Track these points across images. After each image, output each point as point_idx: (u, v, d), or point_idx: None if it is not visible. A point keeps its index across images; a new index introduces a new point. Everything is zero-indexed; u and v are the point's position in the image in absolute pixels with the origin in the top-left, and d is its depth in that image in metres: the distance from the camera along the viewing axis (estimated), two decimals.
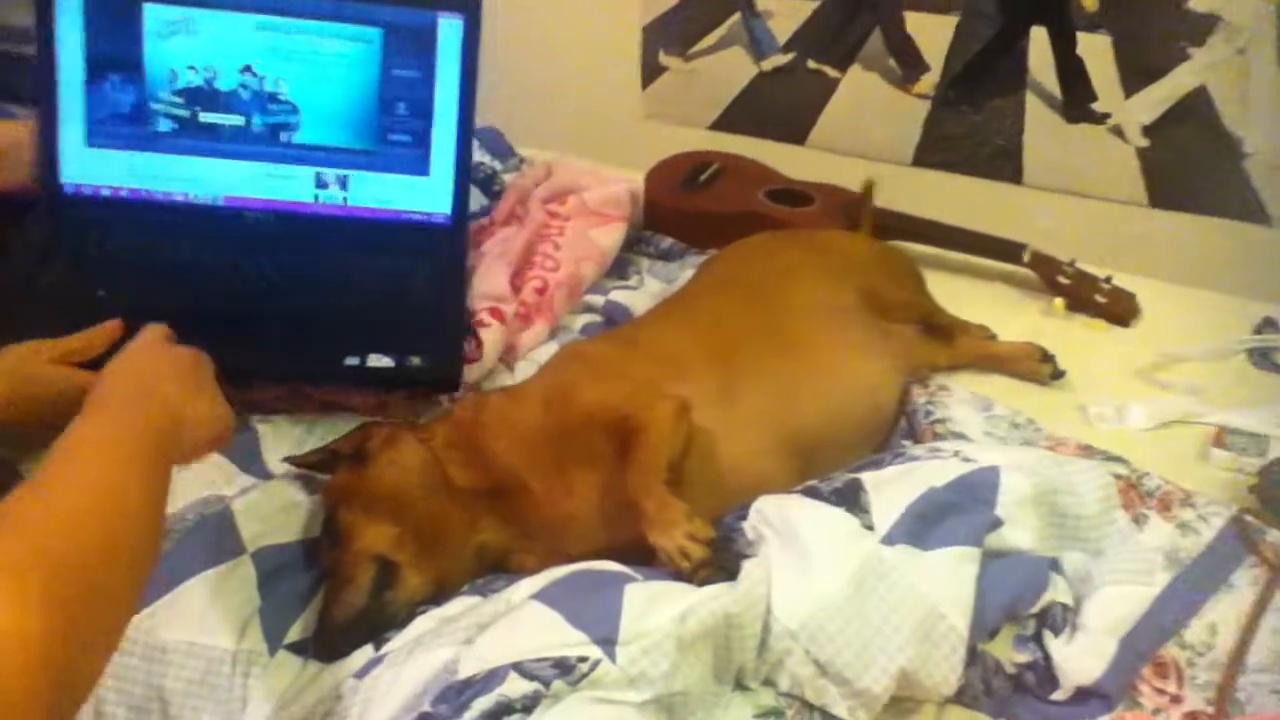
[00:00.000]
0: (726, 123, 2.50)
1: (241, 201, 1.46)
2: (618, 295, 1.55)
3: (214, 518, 1.09)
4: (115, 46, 1.40)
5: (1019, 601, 1.00)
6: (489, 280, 1.48)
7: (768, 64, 2.41)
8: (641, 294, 1.56)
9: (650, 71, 2.56)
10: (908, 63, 2.24)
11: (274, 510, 1.13)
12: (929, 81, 2.22)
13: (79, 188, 1.43)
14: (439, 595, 1.05)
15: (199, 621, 1.01)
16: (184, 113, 1.43)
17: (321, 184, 1.48)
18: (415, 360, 1.30)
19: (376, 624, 1.00)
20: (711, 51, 2.47)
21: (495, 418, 1.14)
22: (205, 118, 1.43)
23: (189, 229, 1.44)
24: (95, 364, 1.08)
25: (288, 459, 1.18)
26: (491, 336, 1.39)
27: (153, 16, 1.39)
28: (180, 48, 1.41)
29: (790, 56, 2.36)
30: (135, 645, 1.00)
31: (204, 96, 1.43)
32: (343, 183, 1.48)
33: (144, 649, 0.99)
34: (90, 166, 1.43)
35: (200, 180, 1.45)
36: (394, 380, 1.32)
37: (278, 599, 1.04)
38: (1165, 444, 1.31)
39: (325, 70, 1.44)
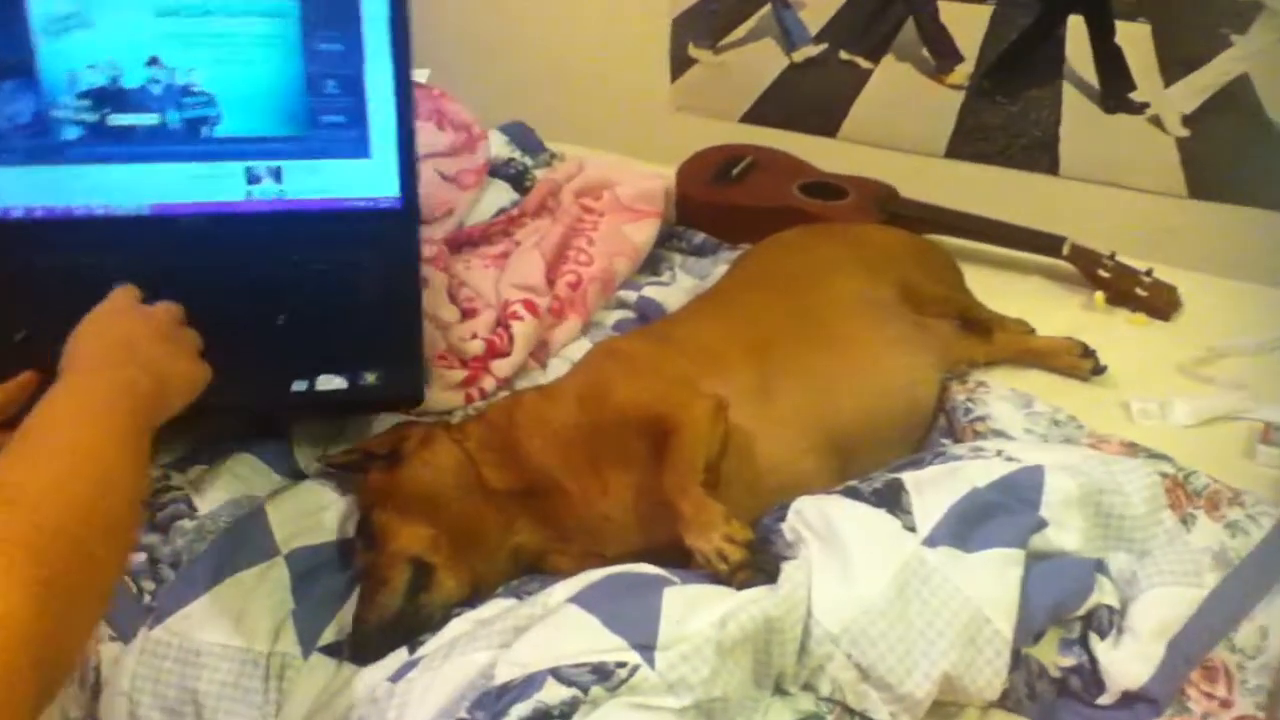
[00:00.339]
0: (757, 115, 2.48)
1: (169, 208, 1.33)
2: (650, 291, 1.54)
3: (247, 519, 1.09)
4: (1, 50, 1.26)
5: (1064, 604, 0.98)
6: (523, 270, 1.47)
7: (799, 55, 2.39)
8: (674, 290, 1.55)
9: (679, 64, 2.54)
10: (941, 53, 2.21)
11: (307, 511, 1.12)
12: (963, 72, 2.20)
13: None
14: (474, 597, 1.04)
15: (233, 624, 1.01)
16: (91, 117, 1.29)
17: (254, 179, 1.35)
18: (370, 377, 1.18)
19: (411, 626, 0.99)
20: (742, 43, 2.45)
21: (529, 417, 1.13)
22: (115, 120, 1.30)
23: (114, 245, 1.30)
24: (14, 422, 0.92)
25: (323, 459, 1.17)
26: (524, 330, 1.38)
27: (39, 12, 1.25)
28: (76, 45, 1.27)
29: (822, 48, 2.34)
30: (170, 648, 0.99)
31: (110, 97, 1.29)
32: (276, 175, 1.35)
33: (178, 651, 0.99)
34: None
35: (120, 189, 1.32)
36: (348, 404, 1.19)
37: (311, 601, 1.03)
38: (1210, 440, 1.28)
39: (240, 53, 1.31)
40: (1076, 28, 2.05)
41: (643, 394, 1.11)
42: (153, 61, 1.29)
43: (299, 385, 1.16)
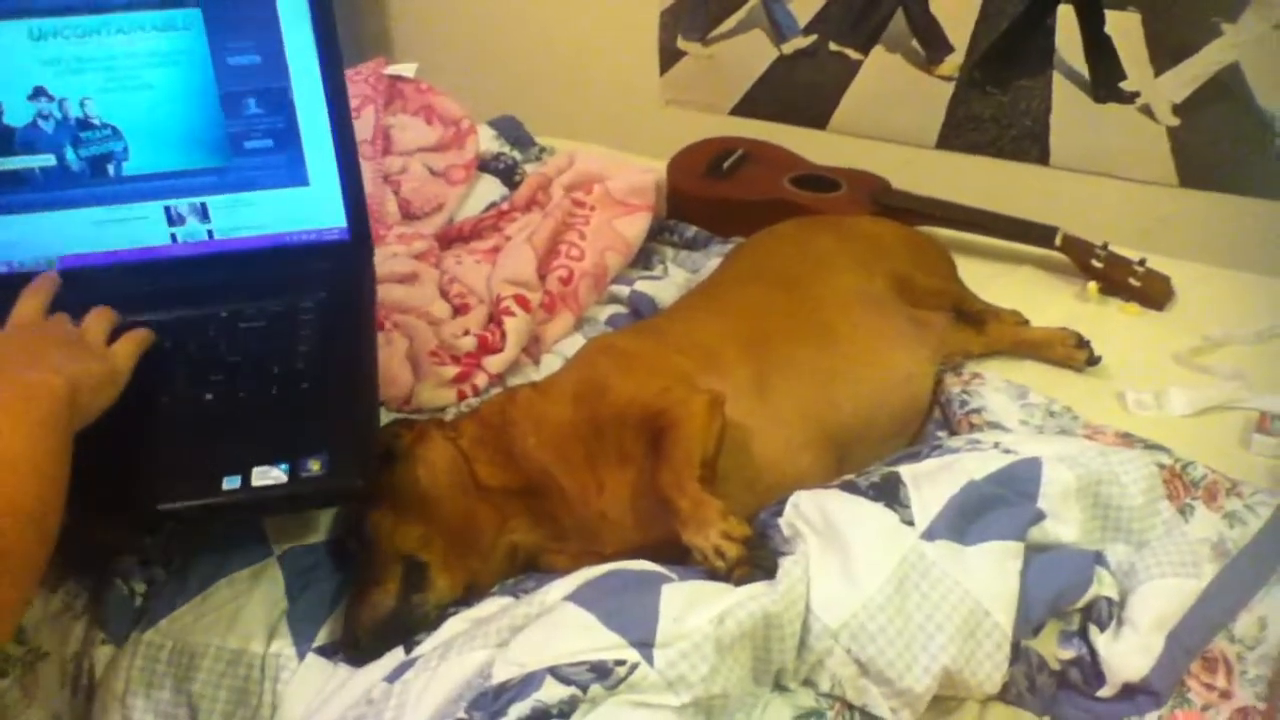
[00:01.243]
0: (747, 108, 2.47)
1: (82, 259, 1.17)
2: (643, 285, 1.53)
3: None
4: None
5: (1063, 597, 0.98)
6: (515, 265, 1.46)
7: (789, 47, 2.38)
8: (667, 284, 1.54)
9: (668, 57, 2.53)
10: (932, 43, 2.20)
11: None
12: (954, 63, 2.19)
13: None
14: (470, 596, 1.03)
15: (227, 625, 1.00)
16: None
17: (176, 219, 1.18)
18: (314, 465, 0.99)
19: (406, 626, 0.98)
20: (731, 35, 2.45)
21: (524, 414, 1.12)
22: (3, 164, 1.12)
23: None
24: None
25: None
26: (516, 326, 1.37)
27: None
28: None
29: (812, 39, 2.34)
30: (163, 650, 0.99)
31: None
32: (202, 213, 1.18)
33: (172, 654, 0.99)
34: None
35: (21, 243, 1.15)
36: (288, 499, 1.00)
37: (306, 601, 1.03)
38: (1206, 430, 1.28)
39: (138, 74, 1.13)
40: (1066, 17, 2.04)
41: (639, 390, 1.10)
42: (37, 93, 1.12)
43: (231, 482, 0.98)
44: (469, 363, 1.34)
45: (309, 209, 1.21)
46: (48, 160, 1.14)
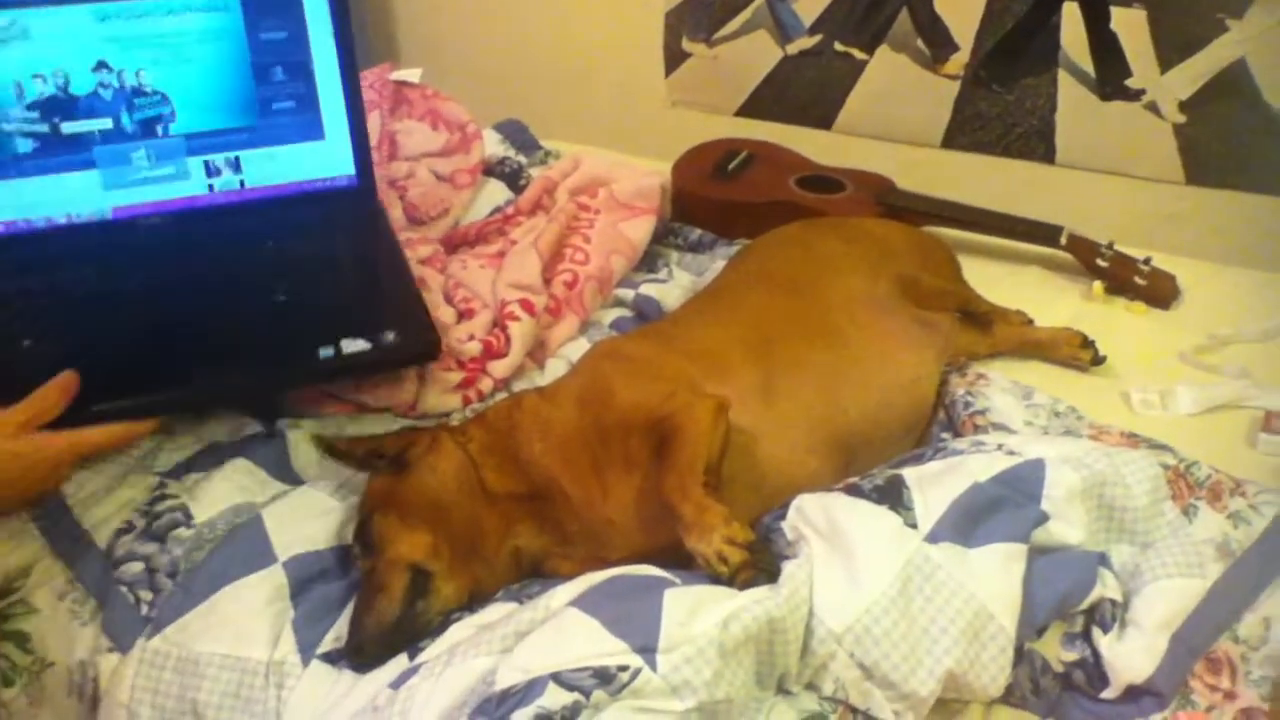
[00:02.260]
0: (752, 108, 2.47)
1: (132, 209, 1.35)
2: (648, 289, 1.53)
3: (245, 527, 1.09)
4: None
5: (1068, 598, 0.97)
6: (520, 269, 1.46)
7: (794, 47, 2.38)
8: (672, 287, 1.54)
9: (674, 58, 2.53)
10: (937, 42, 2.20)
11: (305, 517, 1.12)
12: (959, 61, 2.19)
13: None
14: (473, 602, 1.03)
15: (232, 632, 1.00)
16: (43, 127, 1.29)
17: (213, 171, 1.37)
18: (390, 336, 1.21)
19: (410, 633, 0.99)
20: (736, 36, 2.44)
21: (529, 420, 1.12)
22: (68, 128, 1.30)
23: (87, 253, 1.32)
24: (58, 424, 1.05)
25: (323, 446, 1.13)
26: (521, 330, 1.37)
27: None
28: (18, 56, 1.26)
29: (817, 39, 2.33)
30: (168, 658, 0.99)
31: (61, 106, 1.29)
32: (235, 165, 1.38)
33: (177, 661, 0.99)
34: None
35: (79, 197, 1.32)
36: (377, 363, 1.23)
37: (310, 608, 1.03)
38: (1212, 429, 1.28)
39: (186, 49, 1.32)
40: (1072, 15, 2.04)
41: (643, 396, 1.10)
42: (100, 66, 1.29)
43: (326, 352, 1.19)
44: (474, 368, 1.34)
45: (324, 160, 1.42)
46: (106, 124, 1.32)
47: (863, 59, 2.29)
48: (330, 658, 0.99)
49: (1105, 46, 2.03)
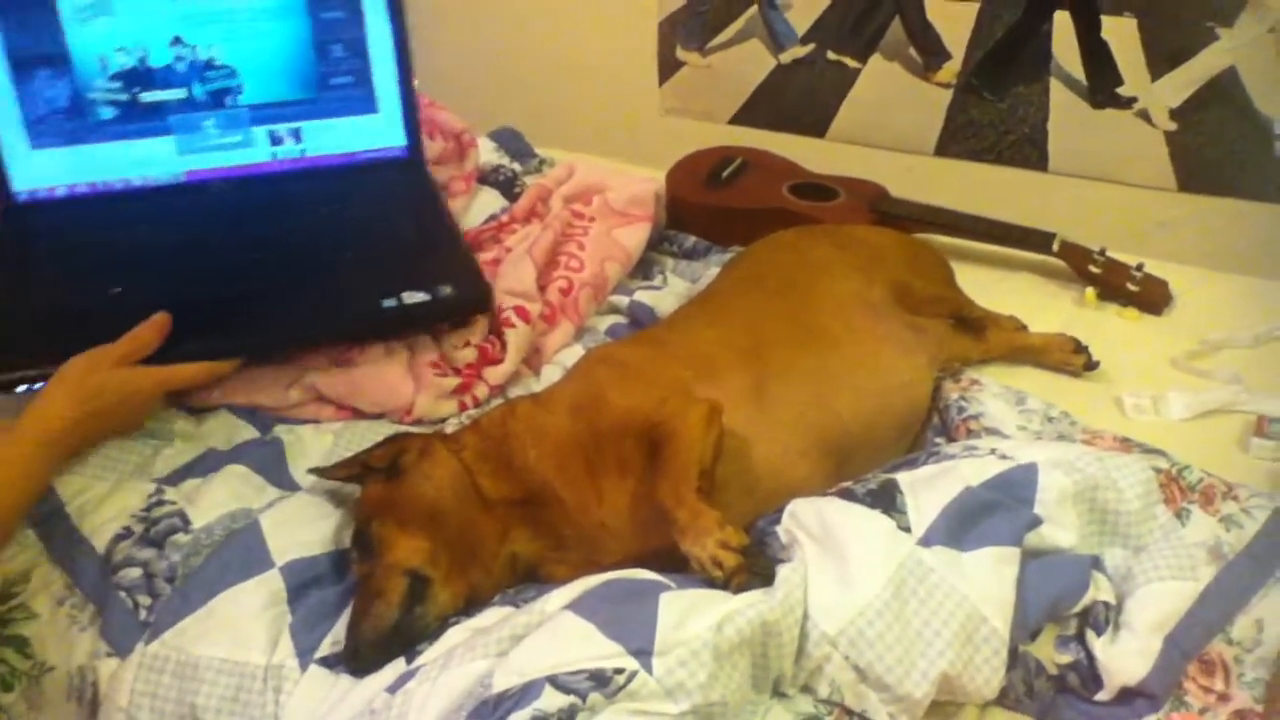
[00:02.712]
0: (746, 117, 2.48)
1: (202, 174, 1.48)
2: (642, 295, 1.54)
3: (242, 532, 1.09)
4: (36, 40, 1.37)
5: (1061, 601, 0.98)
6: (515, 276, 1.47)
7: (786, 56, 2.39)
8: (666, 294, 1.54)
9: (667, 67, 2.54)
10: (929, 51, 2.21)
11: (302, 523, 1.12)
12: (951, 70, 2.20)
13: (31, 193, 1.43)
14: (470, 607, 1.03)
15: (230, 637, 1.01)
16: (123, 96, 1.42)
17: (276, 140, 1.50)
18: (446, 289, 1.32)
19: (408, 638, 0.99)
20: (729, 45, 2.45)
21: (524, 426, 1.13)
22: (146, 97, 1.43)
23: (163, 212, 1.45)
24: (153, 360, 1.17)
25: (315, 470, 1.17)
26: (516, 338, 1.38)
27: (67, 3, 1.38)
28: (103, 31, 1.39)
29: (810, 48, 2.34)
30: (167, 662, 0.99)
31: (140, 76, 1.42)
32: (296, 135, 1.50)
33: (175, 666, 0.99)
34: (39, 169, 1.43)
35: (155, 161, 1.46)
36: (434, 312, 1.33)
37: (308, 612, 1.03)
38: (1204, 434, 1.29)
39: (254, 27, 1.45)
40: (1063, 23, 2.05)
41: (637, 401, 1.11)
42: (176, 41, 1.43)
43: (389, 302, 1.30)
44: (469, 374, 1.34)
45: (377, 131, 1.54)
46: (180, 94, 1.45)
47: (855, 67, 2.30)
48: (328, 662, 0.99)
49: (1096, 54, 2.04)
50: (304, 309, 1.31)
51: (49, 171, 1.43)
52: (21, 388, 1.19)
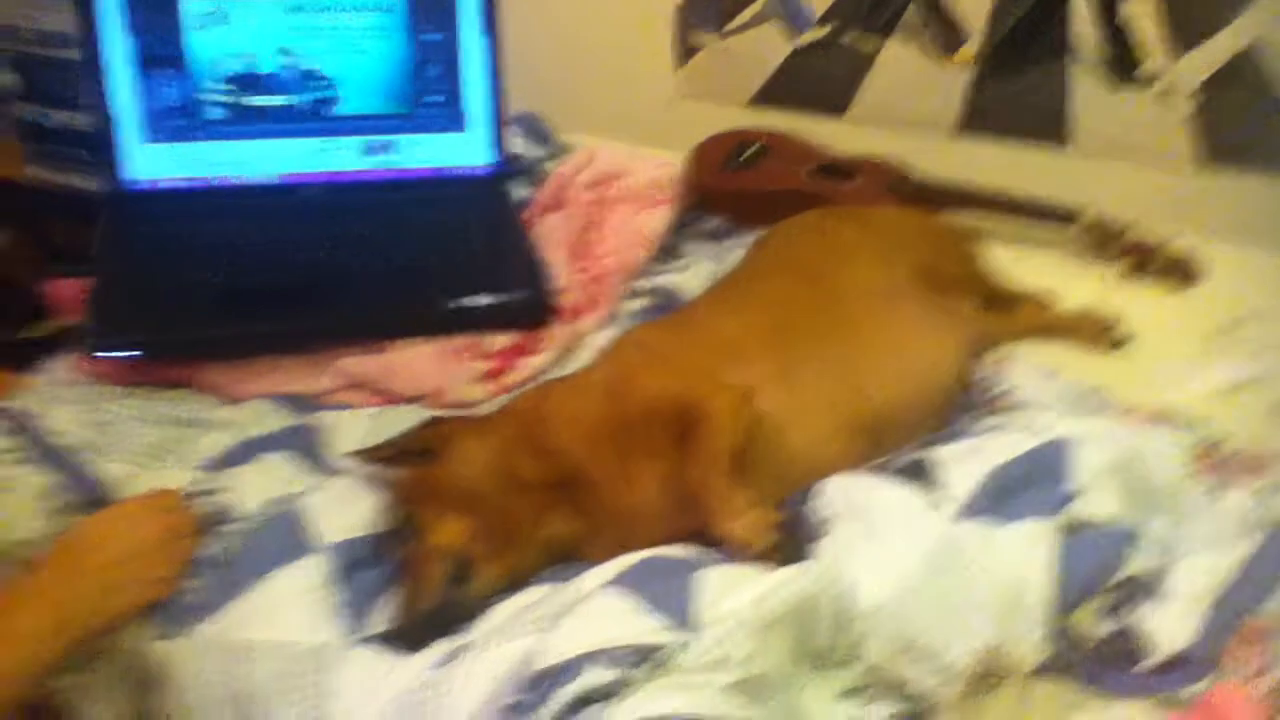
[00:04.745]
0: (765, 99, 2.47)
1: (295, 177, 1.55)
2: (667, 278, 1.54)
3: (286, 515, 1.10)
4: (158, 43, 1.46)
5: (1099, 574, 0.99)
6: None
7: (805, 38, 2.38)
8: (691, 276, 1.55)
9: (684, 51, 2.53)
10: (947, 31, 2.20)
11: (344, 506, 1.13)
12: (970, 49, 2.19)
13: (140, 183, 1.51)
14: (512, 587, 1.04)
15: (275, 619, 1.02)
16: (232, 99, 1.50)
17: (369, 150, 1.57)
18: (513, 295, 1.40)
19: (453, 617, 1.00)
20: (746, 28, 2.44)
21: (556, 410, 1.13)
22: (252, 101, 1.51)
23: (256, 210, 1.52)
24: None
25: (354, 454, 1.17)
26: (559, 333, 1.40)
27: (188, 10, 1.46)
28: (218, 38, 1.48)
29: (827, 29, 2.33)
30: (215, 645, 1.00)
31: (248, 81, 1.50)
32: (387, 147, 1.57)
33: (223, 648, 1.00)
34: (150, 161, 1.51)
35: (255, 162, 1.54)
36: (497, 317, 1.39)
37: (352, 594, 1.04)
38: (1236, 407, 1.28)
39: (356, 43, 1.52)
40: (1081, 1, 2.04)
41: (669, 386, 1.11)
42: (283, 51, 1.50)
43: (456, 303, 1.39)
44: (502, 359, 1.35)
45: (465, 149, 1.61)
46: (283, 100, 1.53)
47: (873, 48, 2.29)
48: (374, 642, 1.00)
49: (1117, 32, 2.03)
50: (377, 303, 1.39)
51: (157, 164, 1.51)
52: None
